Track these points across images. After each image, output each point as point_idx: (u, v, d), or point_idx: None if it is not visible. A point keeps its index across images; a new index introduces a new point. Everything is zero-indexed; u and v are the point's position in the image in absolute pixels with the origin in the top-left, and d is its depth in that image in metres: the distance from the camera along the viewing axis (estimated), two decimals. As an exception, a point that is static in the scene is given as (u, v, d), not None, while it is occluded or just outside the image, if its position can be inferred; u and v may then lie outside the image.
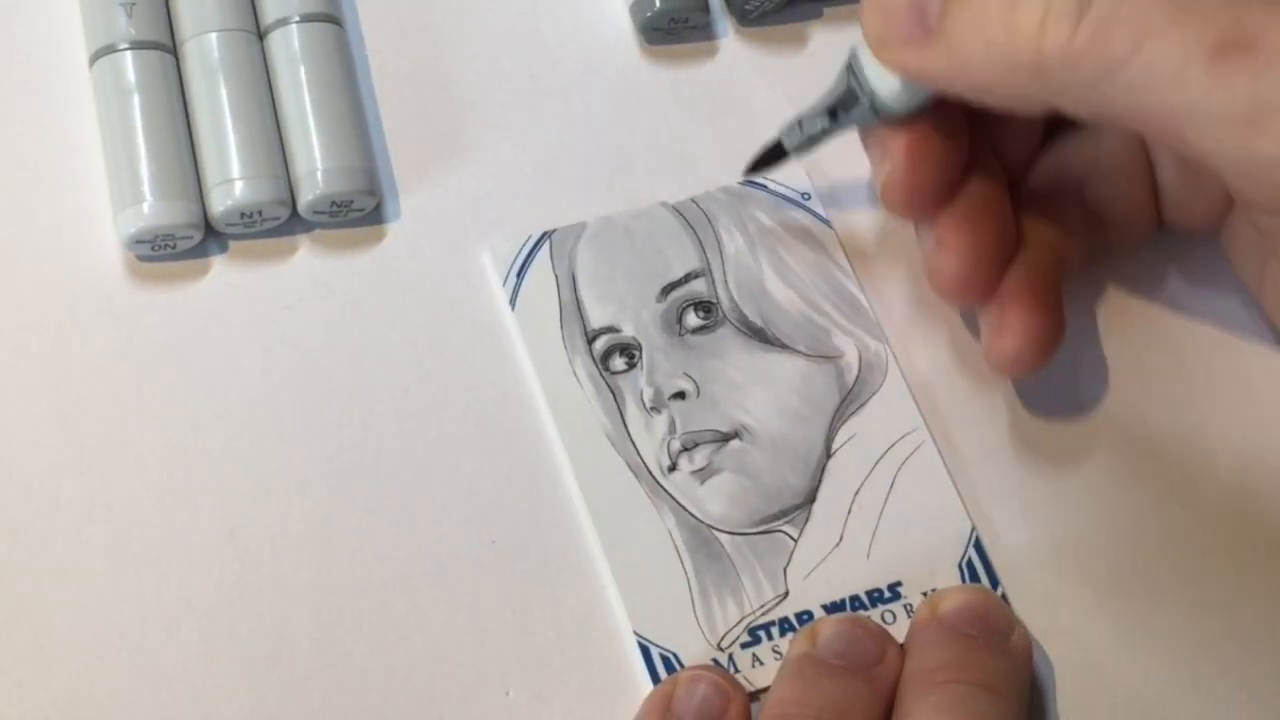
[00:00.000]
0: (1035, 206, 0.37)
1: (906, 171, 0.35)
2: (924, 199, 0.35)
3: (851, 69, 0.35)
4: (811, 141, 0.37)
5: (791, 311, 0.39)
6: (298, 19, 0.40)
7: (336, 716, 0.34)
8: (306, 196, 0.38)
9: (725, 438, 0.37)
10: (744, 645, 0.35)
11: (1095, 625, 0.36)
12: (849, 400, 0.38)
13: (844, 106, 0.35)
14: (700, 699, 0.33)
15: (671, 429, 0.37)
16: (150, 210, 0.37)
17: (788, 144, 0.37)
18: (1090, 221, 0.38)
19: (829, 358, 0.39)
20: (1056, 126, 0.39)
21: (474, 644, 0.35)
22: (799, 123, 0.36)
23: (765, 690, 0.35)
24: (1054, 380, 0.39)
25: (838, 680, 0.33)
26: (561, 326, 0.39)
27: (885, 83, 0.34)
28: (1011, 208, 0.36)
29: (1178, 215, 0.38)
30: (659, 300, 0.39)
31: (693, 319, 0.39)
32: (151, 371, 0.37)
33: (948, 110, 0.35)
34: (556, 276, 0.39)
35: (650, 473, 0.37)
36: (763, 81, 0.43)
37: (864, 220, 0.41)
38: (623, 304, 0.39)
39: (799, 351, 0.39)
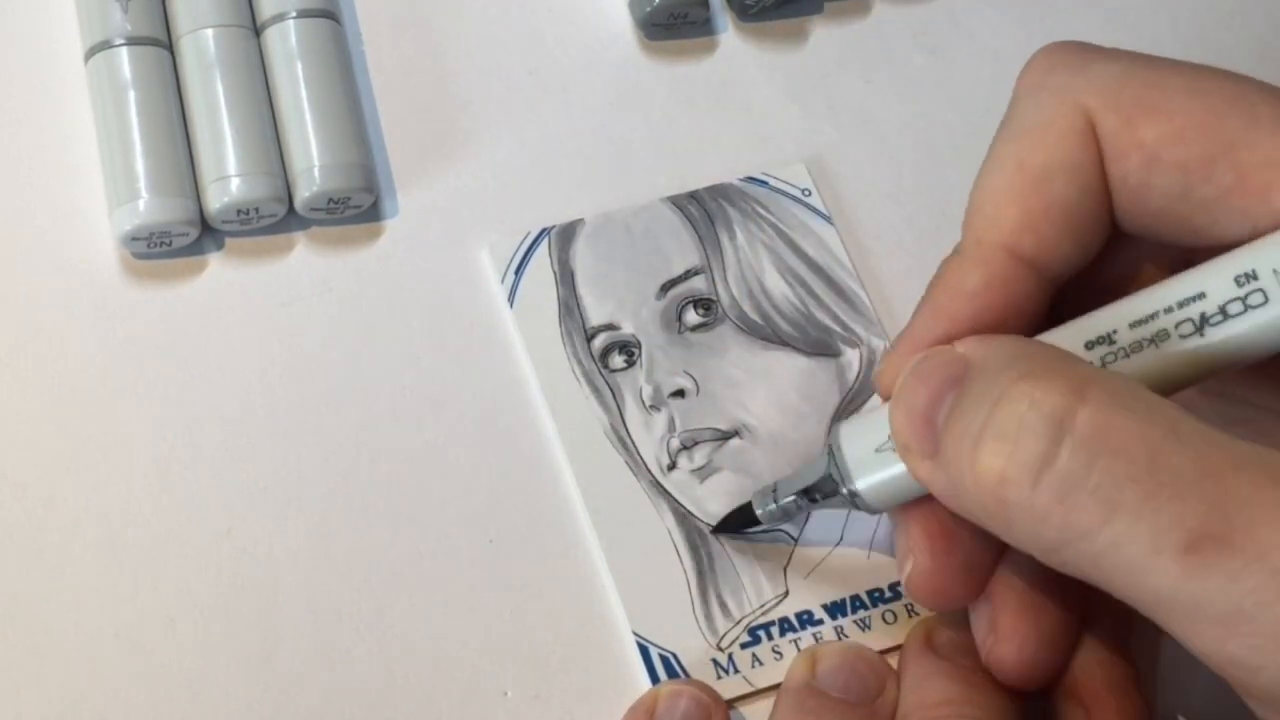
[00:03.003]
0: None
1: (932, 570, 0.31)
2: (954, 596, 0.32)
3: (832, 455, 0.32)
4: (785, 515, 0.34)
5: (792, 309, 0.39)
6: (294, 14, 0.40)
7: (334, 716, 0.34)
8: (303, 193, 0.38)
9: (725, 436, 0.37)
10: (744, 645, 0.35)
11: (1097, 625, 0.36)
12: (850, 398, 0.38)
13: (822, 493, 0.32)
14: (682, 713, 0.33)
15: (671, 427, 0.37)
16: (146, 207, 0.37)
17: (760, 511, 0.34)
18: None
19: (830, 356, 0.39)
20: None
21: (472, 643, 0.35)
22: (774, 490, 0.34)
23: (763, 690, 0.34)
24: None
25: (839, 715, 0.33)
26: (560, 324, 0.38)
27: (865, 479, 0.31)
28: (1072, 587, 0.31)
29: None
30: (658, 297, 0.39)
31: (692, 316, 0.39)
32: (147, 370, 0.37)
33: None
34: (555, 273, 0.39)
35: (649, 471, 0.37)
36: (763, 77, 0.43)
37: (865, 217, 0.41)
38: (622, 301, 0.39)
39: (799, 349, 0.39)
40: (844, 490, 0.31)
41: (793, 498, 0.33)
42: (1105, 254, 0.31)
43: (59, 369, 0.37)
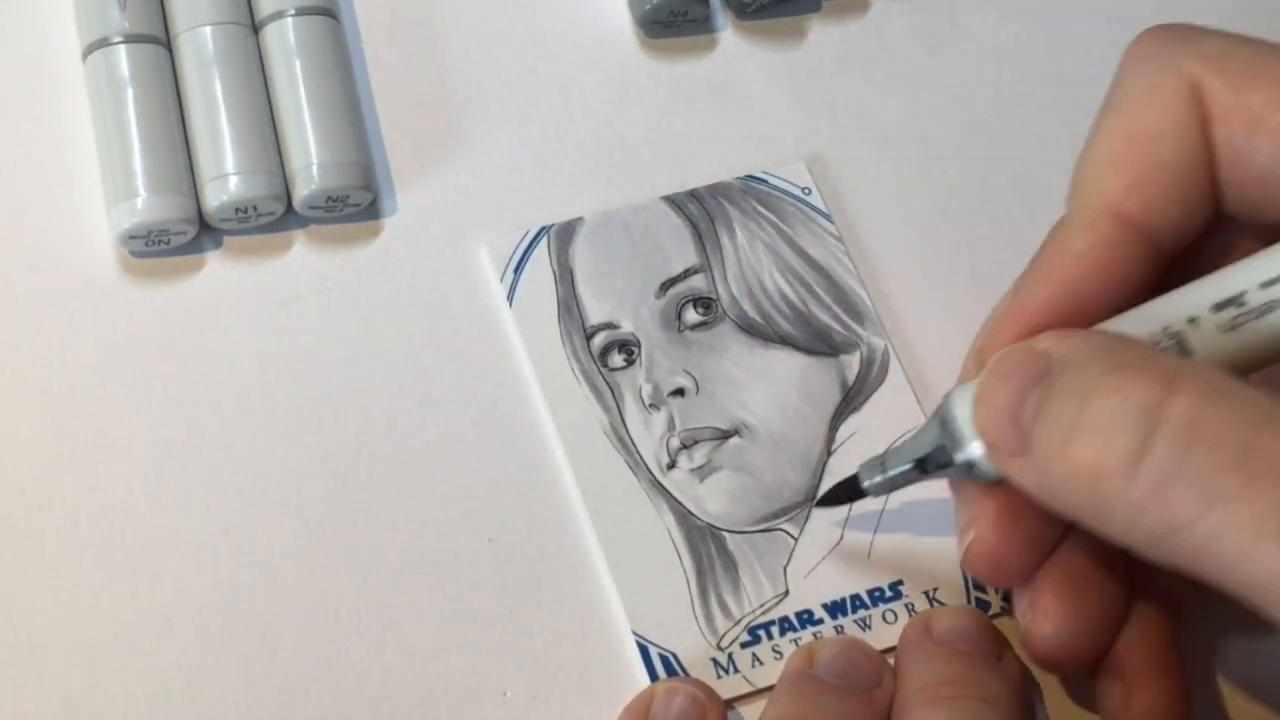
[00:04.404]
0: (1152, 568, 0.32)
1: (995, 543, 0.32)
2: (1013, 572, 0.32)
3: (944, 422, 0.31)
4: (893, 486, 0.33)
5: (792, 308, 0.39)
6: (293, 12, 0.40)
7: (333, 716, 0.34)
8: (302, 191, 0.38)
9: (725, 435, 0.37)
10: (744, 645, 0.35)
11: (1098, 624, 0.36)
12: (850, 397, 0.38)
13: (935, 463, 0.32)
14: (678, 711, 0.33)
15: (670, 426, 0.37)
16: (144, 205, 0.37)
17: (866, 484, 0.34)
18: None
19: (830, 354, 0.38)
20: None
21: (471, 643, 0.35)
22: (881, 462, 0.33)
23: (763, 690, 0.34)
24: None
25: (835, 698, 0.33)
26: (559, 323, 0.38)
27: (982, 450, 0.31)
28: (1120, 573, 0.33)
29: None
30: (658, 296, 0.39)
31: (692, 315, 0.39)
32: (145, 369, 0.37)
33: None
34: (554, 272, 0.39)
35: (649, 470, 0.37)
36: (762, 75, 0.43)
37: (865, 215, 0.41)
38: (621, 300, 0.39)
39: (799, 348, 0.38)
40: (958, 460, 0.31)
41: (903, 468, 0.33)
42: (1209, 238, 0.31)
43: (57, 368, 0.37)
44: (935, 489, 0.37)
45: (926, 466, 0.32)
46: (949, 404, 0.31)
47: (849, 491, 0.34)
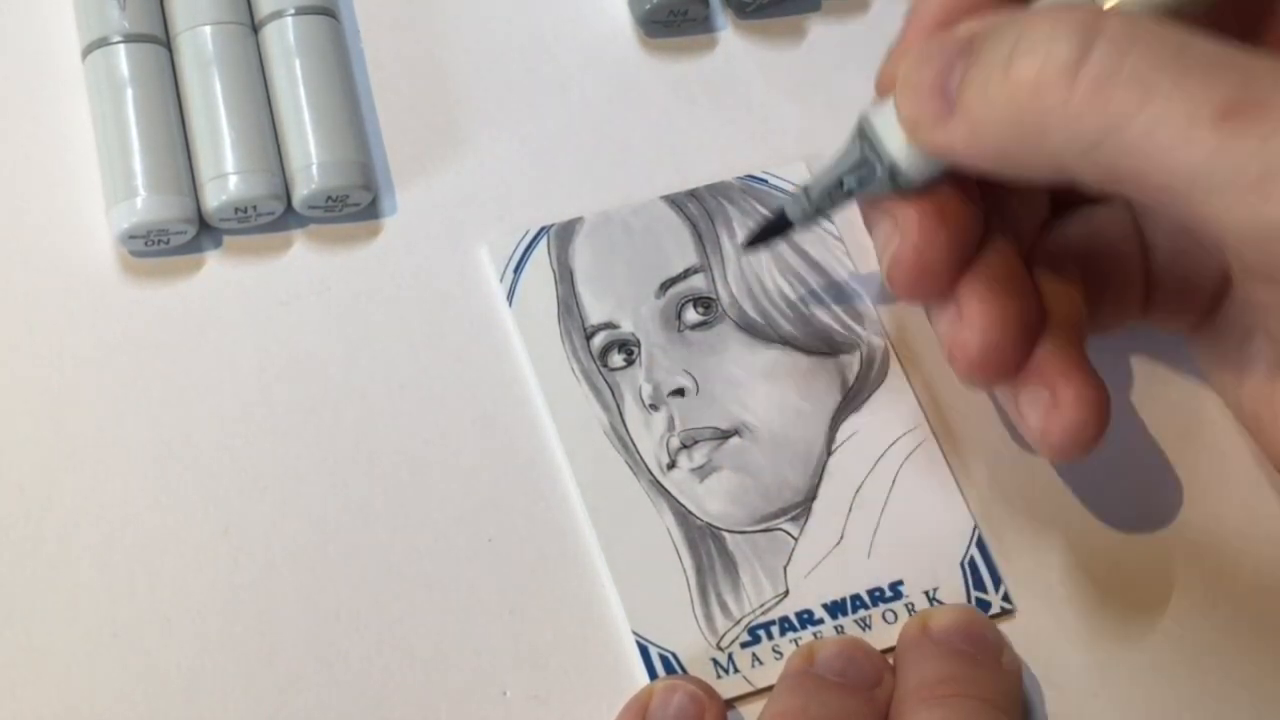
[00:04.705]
0: (1046, 281, 0.35)
1: (920, 247, 0.32)
2: (938, 277, 0.33)
3: (864, 135, 0.32)
4: (819, 213, 0.34)
5: (792, 307, 0.39)
6: (293, 11, 0.40)
7: (332, 716, 0.34)
8: (301, 191, 0.38)
9: (725, 435, 0.37)
10: (744, 645, 0.35)
11: (1099, 624, 0.36)
12: (850, 397, 0.38)
13: (858, 177, 0.32)
14: (676, 708, 0.33)
15: (670, 426, 0.37)
16: (144, 205, 0.37)
17: (793, 216, 0.35)
18: (1087, 300, 0.35)
19: (830, 354, 0.38)
20: (1059, 206, 0.37)
21: (471, 643, 0.35)
22: (805, 191, 0.34)
23: (763, 690, 0.34)
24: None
25: (836, 694, 0.33)
26: (559, 322, 0.38)
27: (904, 151, 0.32)
28: (1031, 281, 0.34)
29: (1162, 309, 0.36)
30: (658, 296, 0.39)
31: (692, 315, 0.39)
32: (145, 368, 0.37)
33: (962, 180, 0.33)
34: (554, 272, 0.39)
35: (649, 470, 0.37)
36: (761, 74, 0.43)
37: (864, 215, 0.41)
38: (621, 300, 0.39)
39: (799, 348, 0.38)
40: (880, 172, 0.32)
41: (827, 189, 0.33)
42: None
43: (56, 367, 0.37)
44: (936, 488, 0.37)
45: (849, 185, 0.33)
46: (866, 117, 0.32)
47: (778, 225, 0.35)
